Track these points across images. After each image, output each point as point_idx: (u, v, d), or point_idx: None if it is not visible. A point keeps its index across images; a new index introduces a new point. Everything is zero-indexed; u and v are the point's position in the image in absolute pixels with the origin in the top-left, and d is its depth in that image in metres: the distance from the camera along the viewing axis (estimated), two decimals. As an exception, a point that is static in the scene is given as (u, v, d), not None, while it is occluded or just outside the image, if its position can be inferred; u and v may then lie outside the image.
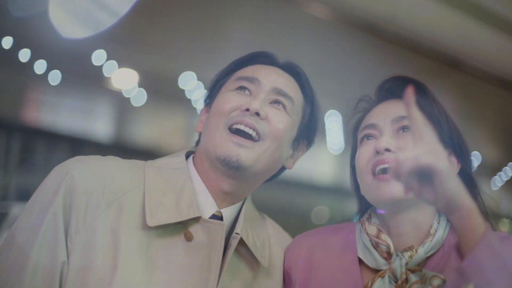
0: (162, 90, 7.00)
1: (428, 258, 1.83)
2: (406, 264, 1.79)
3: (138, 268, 1.77)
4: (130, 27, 5.71)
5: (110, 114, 8.35)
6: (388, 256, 1.83)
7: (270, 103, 1.98)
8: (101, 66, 6.29)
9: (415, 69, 6.07)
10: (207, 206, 1.92)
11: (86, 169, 1.85)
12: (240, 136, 1.91)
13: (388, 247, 1.83)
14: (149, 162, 1.96)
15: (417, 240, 1.84)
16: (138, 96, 6.94)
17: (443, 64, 6.56)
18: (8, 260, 1.78)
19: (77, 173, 1.82)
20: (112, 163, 1.93)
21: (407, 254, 1.80)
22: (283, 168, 2.10)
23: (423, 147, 1.50)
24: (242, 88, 1.99)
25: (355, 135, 2.04)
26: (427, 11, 5.55)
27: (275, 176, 2.10)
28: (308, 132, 2.11)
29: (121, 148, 8.54)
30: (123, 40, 6.06)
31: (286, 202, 9.26)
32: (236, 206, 1.98)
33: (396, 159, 1.47)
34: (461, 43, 6.40)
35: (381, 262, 1.84)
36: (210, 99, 2.07)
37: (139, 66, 6.70)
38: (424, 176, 1.48)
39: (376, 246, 1.86)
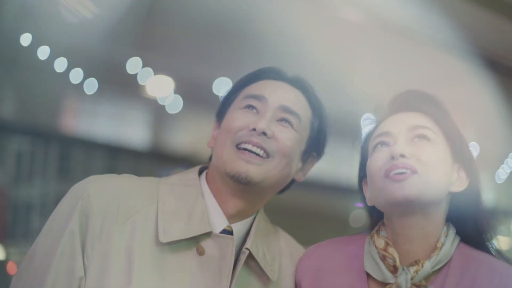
0: (197, 96, 7.01)
1: (435, 273, 1.84)
2: (412, 279, 1.80)
3: (152, 283, 1.87)
4: (164, 33, 5.74)
5: (147, 122, 8.39)
6: (394, 269, 1.85)
7: (277, 120, 2.03)
8: (135, 74, 6.32)
9: (450, 71, 6.02)
10: (218, 221, 1.98)
11: (101, 188, 1.93)
12: (248, 153, 1.96)
13: (394, 260, 1.84)
14: (163, 179, 2.06)
15: (424, 253, 1.86)
16: (173, 103, 6.96)
17: (478, 66, 6.50)
18: (28, 277, 1.87)
19: (93, 192, 1.91)
20: (127, 181, 2.02)
21: (412, 269, 1.82)
22: (293, 180, 2.14)
23: None
24: (249, 106, 2.05)
25: (364, 147, 2.05)
26: (461, 12, 5.51)
27: (286, 189, 2.15)
28: (317, 145, 2.16)
29: (158, 156, 8.57)
30: (157, 47, 6.09)
31: (324, 206, 9.23)
32: (248, 221, 2.05)
33: None
34: (497, 44, 6.34)
35: (388, 276, 1.85)
36: (220, 115, 2.12)
37: (175, 72, 6.72)
38: None
39: (383, 259, 1.87)
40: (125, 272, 1.82)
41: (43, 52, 5.79)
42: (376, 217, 2.02)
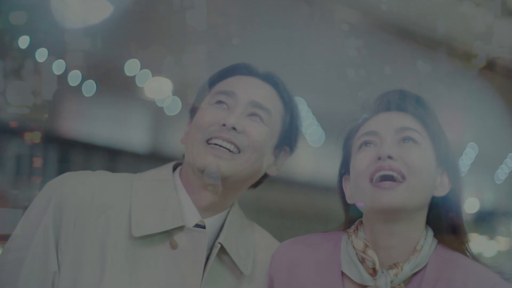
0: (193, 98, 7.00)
1: (413, 275, 1.83)
2: (391, 282, 1.79)
3: (125, 276, 1.87)
4: (162, 35, 5.74)
5: (145, 124, 8.39)
6: (373, 272, 1.83)
7: (248, 115, 2.06)
8: (134, 76, 6.32)
9: (450, 72, 6.02)
10: (191, 216, 2.01)
11: (75, 184, 1.97)
12: (219, 148, 1.98)
13: (373, 263, 1.83)
14: (138, 174, 2.11)
15: (403, 256, 1.85)
16: (172, 105, 6.96)
17: (477, 66, 6.51)
18: (4, 270, 1.91)
19: (67, 188, 1.94)
20: (101, 177, 2.06)
21: (392, 272, 1.81)
22: (266, 175, 2.17)
23: None
24: (220, 102, 2.08)
25: (347, 144, 2.04)
26: (459, 13, 5.51)
27: (259, 183, 2.18)
28: (289, 139, 2.19)
29: (156, 158, 8.56)
30: (156, 48, 6.08)
31: (323, 208, 9.21)
32: (221, 215, 2.07)
33: None
34: (496, 45, 6.34)
35: (367, 278, 1.84)
36: (193, 111, 2.16)
37: (173, 74, 6.72)
38: None
39: (362, 261, 1.86)
40: (98, 266, 1.86)
41: (41, 55, 5.79)
42: (352, 214, 2.01)
